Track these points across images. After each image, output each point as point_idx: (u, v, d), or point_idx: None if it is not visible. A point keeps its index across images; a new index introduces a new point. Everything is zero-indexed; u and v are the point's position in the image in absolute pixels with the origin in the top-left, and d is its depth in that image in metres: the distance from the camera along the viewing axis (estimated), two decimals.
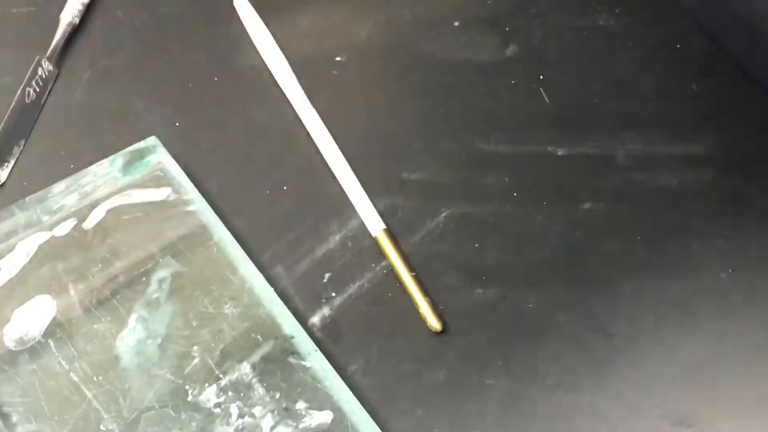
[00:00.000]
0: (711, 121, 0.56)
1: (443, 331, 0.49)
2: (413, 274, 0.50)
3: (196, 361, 0.46)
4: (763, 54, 0.62)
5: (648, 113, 0.57)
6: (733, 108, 0.57)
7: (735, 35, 0.61)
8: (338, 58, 0.59)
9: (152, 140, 0.54)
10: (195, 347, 0.46)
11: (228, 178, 0.54)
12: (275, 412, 0.45)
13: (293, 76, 0.57)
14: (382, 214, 0.53)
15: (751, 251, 0.51)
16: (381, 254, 0.51)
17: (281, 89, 0.57)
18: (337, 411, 0.45)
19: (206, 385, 0.45)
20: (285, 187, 0.54)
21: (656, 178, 0.54)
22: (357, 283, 0.51)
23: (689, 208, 0.53)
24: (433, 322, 0.49)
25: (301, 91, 0.56)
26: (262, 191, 0.54)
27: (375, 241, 0.51)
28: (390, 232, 0.52)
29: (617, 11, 0.61)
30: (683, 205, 0.53)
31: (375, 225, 0.52)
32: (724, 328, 0.49)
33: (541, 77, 0.58)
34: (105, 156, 0.52)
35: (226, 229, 0.50)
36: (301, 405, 0.45)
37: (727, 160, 0.55)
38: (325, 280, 0.51)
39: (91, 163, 0.51)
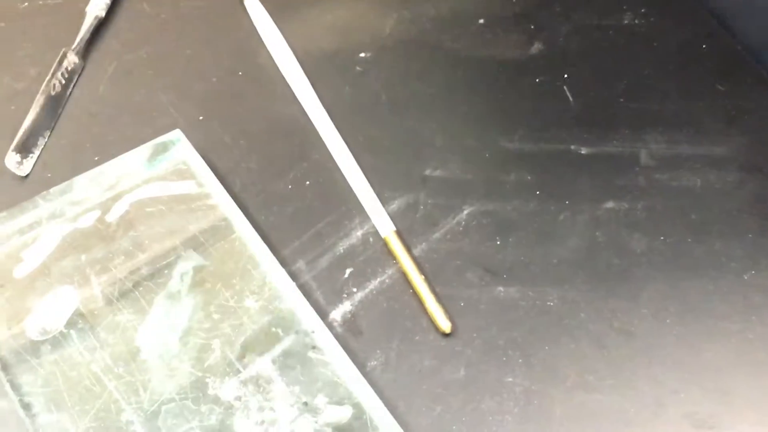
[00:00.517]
0: (735, 122, 0.56)
1: (462, 329, 0.49)
2: (423, 276, 0.50)
3: (216, 354, 0.46)
4: None
5: (672, 113, 0.56)
6: (758, 109, 0.57)
7: (761, 35, 0.61)
8: (362, 54, 0.59)
9: (176, 133, 0.54)
10: (215, 340, 0.47)
11: (251, 173, 0.54)
12: (295, 406, 0.45)
13: (304, 76, 0.57)
14: (404, 211, 0.53)
15: None
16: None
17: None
18: (357, 406, 0.45)
19: (226, 378, 0.45)
20: (307, 182, 0.54)
21: (679, 178, 0.54)
22: (378, 279, 0.51)
23: (712, 209, 0.53)
24: (443, 325, 0.49)
25: (313, 93, 0.56)
26: (285, 186, 0.54)
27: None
28: (400, 234, 0.52)
29: (643, 10, 0.61)
30: (706, 205, 0.53)
31: (384, 227, 0.52)
32: (746, 329, 0.49)
33: (566, 75, 0.58)
34: (129, 149, 0.52)
35: (248, 223, 0.51)
36: (320, 400, 0.45)
37: (751, 161, 0.54)
38: (346, 276, 0.51)
39: (115, 155, 0.52)
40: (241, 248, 0.50)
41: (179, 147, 0.53)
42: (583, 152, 0.55)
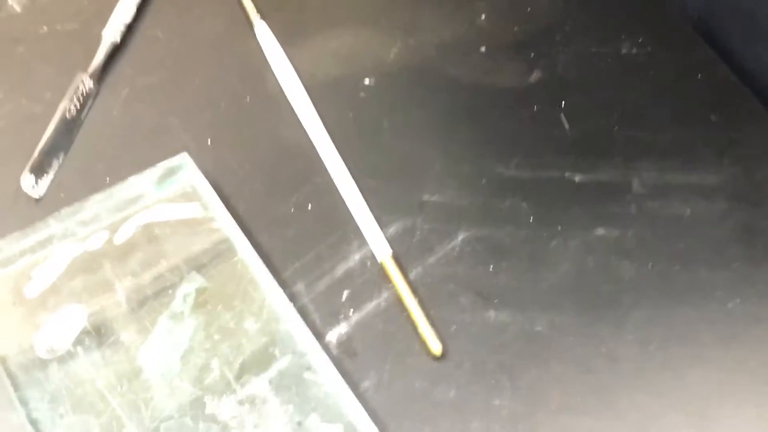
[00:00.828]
0: (727, 152, 0.58)
1: (453, 352, 0.51)
2: (417, 299, 0.52)
3: (215, 373, 0.48)
4: None
5: (665, 142, 0.58)
6: (750, 139, 0.58)
7: (758, 67, 0.62)
8: (366, 80, 0.61)
9: (184, 157, 0.56)
10: (215, 360, 0.49)
11: (255, 196, 0.56)
12: (288, 425, 0.47)
13: (309, 102, 0.59)
14: (401, 235, 0.55)
15: (760, 283, 0.52)
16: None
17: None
18: (348, 425, 0.47)
19: (224, 396, 0.48)
20: (309, 206, 0.56)
21: (669, 206, 0.56)
22: (374, 302, 0.53)
23: (700, 238, 0.54)
24: (434, 347, 0.51)
25: (317, 118, 0.58)
26: (287, 209, 0.56)
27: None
28: (397, 258, 0.54)
29: (640, 40, 0.63)
30: (694, 234, 0.55)
31: (381, 251, 0.54)
32: (728, 357, 0.50)
33: (563, 103, 0.60)
34: (140, 171, 0.54)
35: (250, 245, 0.53)
36: (313, 419, 0.47)
37: (740, 191, 0.56)
38: (343, 299, 0.53)
39: (126, 177, 0.54)
40: (242, 270, 0.52)
41: (186, 170, 0.56)
42: (576, 180, 0.57)
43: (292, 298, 0.52)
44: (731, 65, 0.62)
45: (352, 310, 0.52)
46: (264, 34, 0.62)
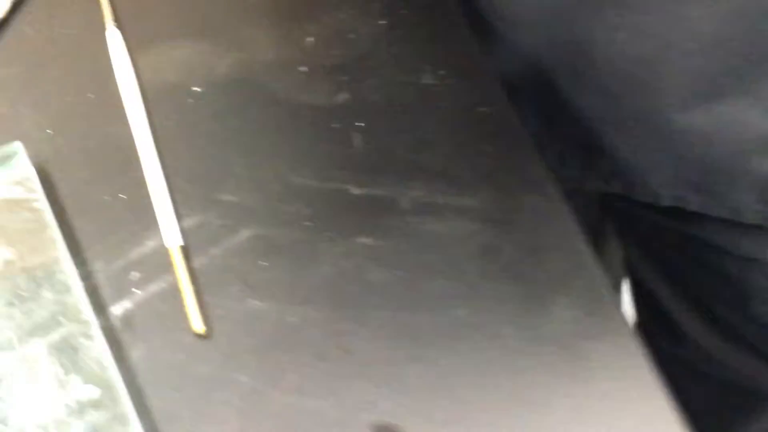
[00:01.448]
0: (490, 178, 0.66)
1: (216, 333, 0.60)
2: (193, 285, 0.61)
3: (3, 333, 0.58)
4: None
5: (439, 166, 0.67)
6: (513, 168, 0.67)
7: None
8: (195, 88, 0.70)
9: (17, 144, 0.66)
10: (5, 321, 0.59)
11: (79, 184, 0.66)
12: (54, 383, 0.57)
13: (140, 102, 0.68)
14: (193, 229, 0.64)
15: (486, 296, 0.61)
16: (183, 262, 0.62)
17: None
18: (106, 388, 0.57)
19: (4, 352, 0.57)
20: (122, 196, 0.65)
21: (428, 223, 0.64)
22: (158, 284, 0.62)
23: (447, 253, 0.63)
24: (197, 327, 0.60)
25: (144, 118, 0.68)
26: (103, 197, 0.65)
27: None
28: (185, 248, 0.63)
29: (441, 72, 0.71)
30: (443, 249, 0.63)
31: (171, 240, 0.63)
32: (449, 356, 0.59)
33: (360, 124, 0.69)
34: None
35: (57, 228, 0.62)
36: (75, 379, 0.57)
37: (492, 215, 0.65)
38: (132, 279, 0.62)
39: None
40: (49, 247, 0.62)
41: (18, 156, 0.65)
42: (355, 192, 0.66)
43: (89, 275, 0.62)
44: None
45: (137, 289, 0.62)
46: (113, 38, 0.72)
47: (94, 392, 0.57)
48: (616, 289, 1.30)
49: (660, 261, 0.97)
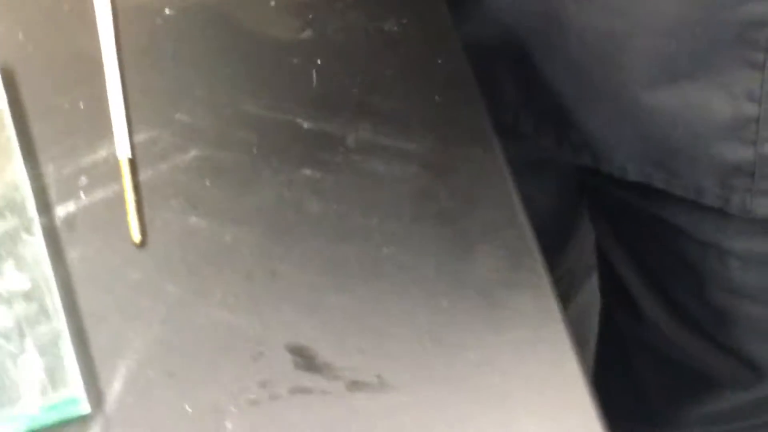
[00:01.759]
0: (436, 129, 0.69)
1: (152, 244, 0.63)
2: (135, 197, 0.64)
3: None
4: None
5: (389, 109, 0.69)
6: (460, 118, 0.69)
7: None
8: (166, 11, 0.73)
9: None
10: None
11: (42, 89, 0.69)
12: None
13: (111, 21, 0.71)
14: (145, 143, 0.67)
15: (414, 238, 0.64)
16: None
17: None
18: (35, 280, 0.60)
19: None
20: (81, 105, 0.68)
21: (370, 162, 0.67)
22: (104, 192, 0.65)
23: (384, 192, 0.66)
24: (135, 236, 0.63)
25: (112, 34, 0.70)
26: (63, 104, 0.68)
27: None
28: (134, 161, 0.66)
29: (404, 21, 0.74)
30: (382, 189, 0.66)
31: (122, 151, 0.66)
32: (372, 290, 0.62)
33: (319, 62, 0.71)
34: None
35: (13, 128, 0.65)
36: (10, 266, 0.60)
37: (431, 162, 0.67)
38: (80, 183, 0.65)
39: None
40: (4, 146, 0.65)
41: None
42: (305, 126, 0.68)
43: (39, 176, 0.64)
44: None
45: (84, 194, 0.64)
46: None
47: (25, 284, 0.59)
48: (588, 274, 1.33)
49: (627, 243, 1.00)
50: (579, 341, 0.61)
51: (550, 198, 1.08)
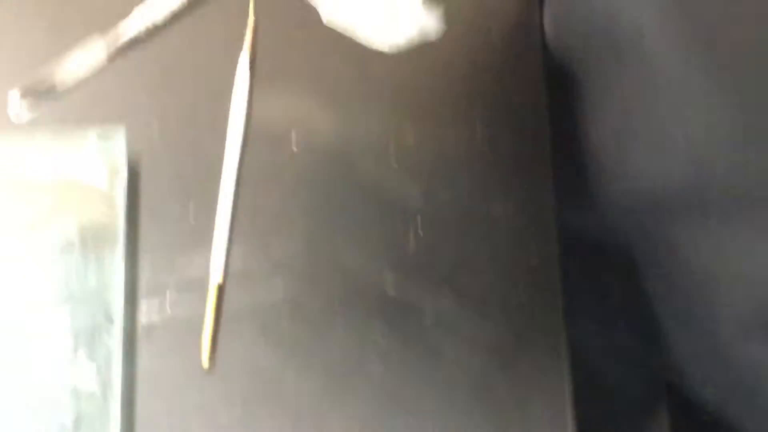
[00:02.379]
0: (511, 317, 0.71)
1: (215, 366, 0.67)
2: (214, 325, 0.68)
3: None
4: None
5: (472, 290, 0.72)
6: (534, 312, 0.71)
7: None
8: (293, 147, 0.77)
9: (119, 129, 0.73)
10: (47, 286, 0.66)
11: (159, 189, 0.73)
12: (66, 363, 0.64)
13: (241, 134, 0.75)
14: (239, 271, 0.71)
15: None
16: None
17: None
18: (104, 384, 0.64)
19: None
20: (191, 218, 0.73)
21: (441, 343, 0.70)
22: (191, 310, 0.69)
23: (444, 372, 0.68)
24: (204, 362, 0.67)
25: (238, 149, 0.74)
26: (175, 209, 0.72)
27: None
28: (221, 287, 0.69)
29: (509, 203, 0.76)
30: (442, 370, 0.69)
31: (215, 277, 0.70)
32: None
33: (420, 232, 0.74)
34: None
35: (124, 227, 0.69)
36: (84, 358, 0.64)
37: (498, 350, 0.70)
38: (170, 297, 0.69)
39: None
40: (111, 236, 0.69)
41: (116, 141, 0.72)
42: (389, 293, 0.72)
43: (134, 278, 0.69)
44: None
45: (170, 308, 0.69)
46: (243, 64, 0.78)
47: (92, 384, 0.64)
48: None
49: None
50: None
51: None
